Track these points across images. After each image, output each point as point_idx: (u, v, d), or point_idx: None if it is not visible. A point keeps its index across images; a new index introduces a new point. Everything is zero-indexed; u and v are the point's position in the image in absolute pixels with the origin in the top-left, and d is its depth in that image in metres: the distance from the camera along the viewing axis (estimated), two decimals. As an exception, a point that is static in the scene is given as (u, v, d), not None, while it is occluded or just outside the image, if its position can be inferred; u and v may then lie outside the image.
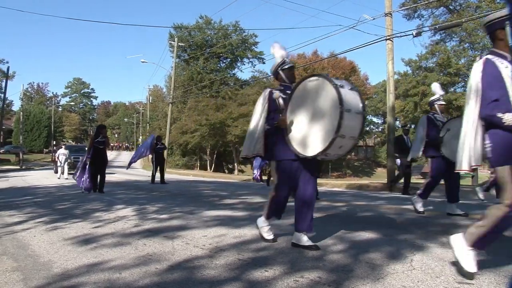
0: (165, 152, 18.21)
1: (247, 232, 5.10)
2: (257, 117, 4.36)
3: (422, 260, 3.64)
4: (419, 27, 24.55)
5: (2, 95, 39.15)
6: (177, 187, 14.39)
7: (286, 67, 4.46)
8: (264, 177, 17.76)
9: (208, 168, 43.67)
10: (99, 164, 11.41)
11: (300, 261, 3.71)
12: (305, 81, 4.09)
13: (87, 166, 11.20)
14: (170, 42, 44.43)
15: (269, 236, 4.54)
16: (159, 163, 16.60)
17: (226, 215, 6.75)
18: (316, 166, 4.39)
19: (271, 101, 4.30)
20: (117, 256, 4.08)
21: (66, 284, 3.26)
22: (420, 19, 28.87)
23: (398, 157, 11.85)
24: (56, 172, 24.46)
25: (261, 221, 4.58)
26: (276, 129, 4.22)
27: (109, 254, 4.18)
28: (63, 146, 23.43)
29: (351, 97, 3.80)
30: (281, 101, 4.28)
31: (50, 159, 53.12)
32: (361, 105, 3.87)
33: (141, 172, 31.60)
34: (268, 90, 4.40)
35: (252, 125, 4.44)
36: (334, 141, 3.66)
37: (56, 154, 22.89)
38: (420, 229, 5.10)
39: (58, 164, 21.71)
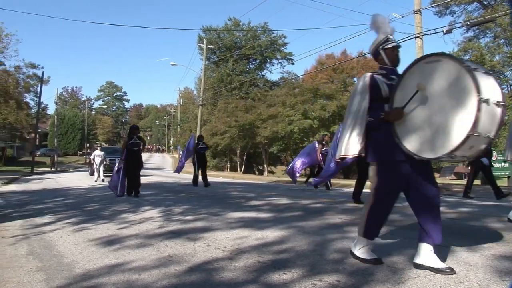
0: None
1: (270, 234, 5.06)
2: (355, 108, 3.56)
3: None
4: (451, 24, 23.96)
5: (38, 99, 40.30)
6: (205, 188, 14.45)
7: (390, 46, 3.65)
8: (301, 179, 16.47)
9: (238, 169, 43.79)
10: (133, 166, 10.87)
11: (320, 264, 3.65)
12: (421, 63, 3.28)
13: (120, 170, 10.80)
14: (199, 44, 44.88)
15: (370, 255, 3.63)
16: (200, 164, 15.32)
17: (250, 216, 6.73)
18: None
19: (374, 88, 3.51)
20: (139, 257, 4.11)
21: (86, 285, 3.30)
22: (452, 16, 28.04)
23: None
24: (91, 174, 24.22)
25: (359, 241, 3.66)
26: (381, 123, 3.45)
27: (131, 255, 4.21)
28: (99, 148, 22.75)
29: (488, 84, 2.97)
30: (385, 88, 3.51)
31: (84, 161, 54.48)
32: (499, 93, 3.01)
33: (171, 174, 31.88)
34: (368, 74, 3.64)
35: (348, 118, 3.65)
36: (468, 139, 2.89)
37: (92, 156, 22.29)
38: (447, 232, 4.93)
39: (94, 166, 21.19)
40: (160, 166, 42.36)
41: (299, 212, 7.23)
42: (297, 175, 14.26)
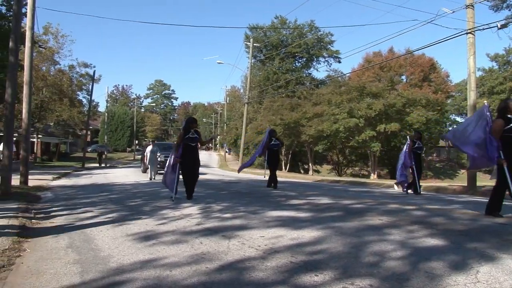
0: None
1: (306, 234, 4.95)
2: None
3: (490, 272, 3.29)
4: (508, 18, 22.72)
5: (89, 97, 41.71)
6: (247, 186, 14.46)
7: None
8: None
9: (283, 168, 43.66)
10: (190, 165, 9.37)
11: (354, 266, 3.52)
12: None
13: (176, 168, 9.36)
14: (245, 43, 45.07)
15: None
16: (271, 163, 13.43)
17: (288, 215, 6.63)
18: None
19: None
20: (172, 253, 4.13)
21: (118, 279, 3.34)
22: (509, 10, 26.49)
23: None
24: (144, 171, 23.06)
25: None
26: None
27: (165, 251, 4.24)
28: (152, 143, 20.71)
29: None
30: None
31: (133, 158, 55.87)
32: None
33: (217, 171, 32.19)
34: None
35: None
36: None
37: (145, 153, 20.51)
38: (494, 238, 4.67)
39: (147, 163, 19.31)
40: (206, 164, 42.82)
41: (339, 212, 7.06)
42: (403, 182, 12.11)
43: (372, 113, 31.73)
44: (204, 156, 66.86)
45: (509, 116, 6.24)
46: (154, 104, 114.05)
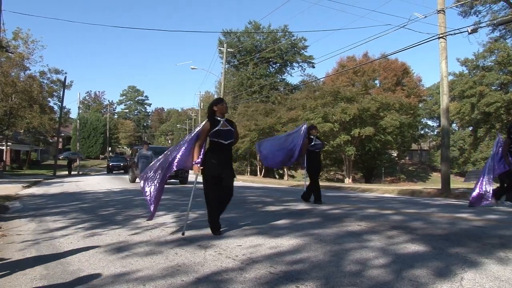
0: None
1: (285, 242, 4.82)
2: None
3: (475, 278, 3.22)
4: (476, 24, 23.21)
5: (61, 103, 40.81)
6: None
7: None
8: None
9: (258, 173, 43.58)
10: (221, 176, 5.70)
11: (336, 276, 3.40)
12: None
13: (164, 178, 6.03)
14: (219, 48, 44.92)
15: None
16: (313, 169, 9.76)
17: (266, 223, 6.49)
18: None
19: None
20: (146, 266, 3.93)
21: (87, 296, 3.13)
22: (477, 16, 27.13)
23: None
24: (133, 181, 20.43)
25: None
26: None
27: (139, 263, 4.04)
28: (145, 146, 17.42)
29: None
30: None
31: (106, 165, 54.87)
32: None
33: (191, 177, 31.80)
34: None
35: None
36: None
37: (135, 158, 17.49)
38: (474, 242, 4.63)
39: (137, 171, 16.62)
40: (181, 170, 42.32)
41: (317, 218, 6.96)
42: (489, 199, 8.72)
43: (346, 117, 31.98)
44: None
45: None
46: (127, 111, 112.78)
